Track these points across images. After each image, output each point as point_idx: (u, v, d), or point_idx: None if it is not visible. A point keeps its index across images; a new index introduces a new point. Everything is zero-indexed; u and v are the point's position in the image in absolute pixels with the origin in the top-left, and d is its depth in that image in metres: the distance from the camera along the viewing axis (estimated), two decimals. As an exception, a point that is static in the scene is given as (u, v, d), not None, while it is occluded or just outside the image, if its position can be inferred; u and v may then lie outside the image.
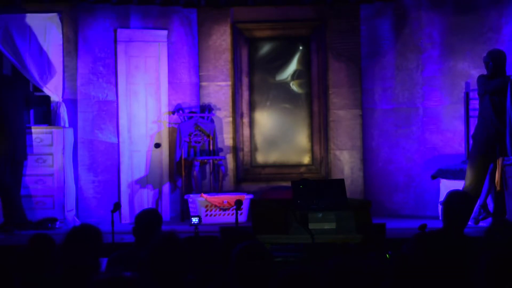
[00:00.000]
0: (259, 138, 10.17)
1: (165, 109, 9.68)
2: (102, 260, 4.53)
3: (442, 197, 8.51)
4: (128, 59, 9.56)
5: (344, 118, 9.86)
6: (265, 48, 10.19)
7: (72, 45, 9.50)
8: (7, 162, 8.46)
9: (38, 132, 8.94)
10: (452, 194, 4.86)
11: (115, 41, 9.55)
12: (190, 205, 9.18)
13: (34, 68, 9.34)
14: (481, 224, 8.23)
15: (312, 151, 10.14)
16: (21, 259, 4.22)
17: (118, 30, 9.56)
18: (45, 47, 9.38)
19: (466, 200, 4.84)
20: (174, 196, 9.70)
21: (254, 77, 10.14)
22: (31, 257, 4.25)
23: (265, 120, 10.19)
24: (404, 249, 4.59)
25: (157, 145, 9.60)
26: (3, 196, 8.47)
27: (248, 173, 10.07)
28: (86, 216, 9.33)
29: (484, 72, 8.35)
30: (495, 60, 8.16)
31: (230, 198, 8.98)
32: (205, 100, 9.87)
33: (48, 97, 9.58)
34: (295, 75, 10.19)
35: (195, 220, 7.27)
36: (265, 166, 10.14)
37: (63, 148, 8.96)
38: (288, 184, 7.63)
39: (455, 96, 9.61)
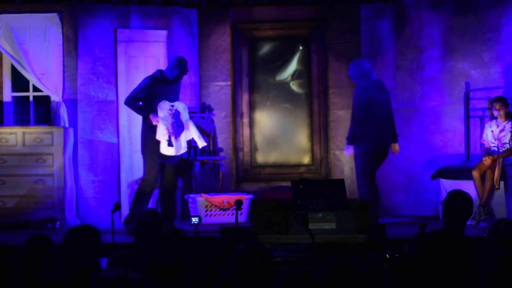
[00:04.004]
0: (259, 138, 10.16)
1: (165, 109, 9.66)
2: (102, 260, 4.53)
3: (442, 197, 8.50)
4: (128, 59, 9.55)
5: (344, 118, 9.84)
6: (265, 48, 10.19)
7: (72, 45, 9.50)
8: None
9: (38, 132, 8.94)
10: (452, 194, 4.87)
11: (115, 41, 9.54)
12: (190, 205, 9.17)
13: (34, 68, 9.34)
14: (482, 224, 8.23)
15: (312, 151, 10.13)
16: (19, 259, 4.22)
17: (118, 30, 9.55)
18: (45, 47, 9.38)
19: (466, 200, 4.84)
20: (174, 196, 9.69)
21: (254, 77, 10.14)
22: (29, 257, 4.25)
23: (265, 120, 10.18)
24: (404, 249, 4.59)
25: (157, 145, 9.57)
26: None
27: (248, 173, 10.06)
28: (86, 216, 9.34)
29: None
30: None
31: (230, 198, 8.97)
32: (205, 100, 9.87)
33: (48, 97, 9.59)
34: (295, 75, 10.18)
35: (195, 220, 7.27)
36: (265, 166, 10.14)
37: (63, 148, 8.96)
38: (288, 184, 7.62)
39: (455, 96, 9.61)
